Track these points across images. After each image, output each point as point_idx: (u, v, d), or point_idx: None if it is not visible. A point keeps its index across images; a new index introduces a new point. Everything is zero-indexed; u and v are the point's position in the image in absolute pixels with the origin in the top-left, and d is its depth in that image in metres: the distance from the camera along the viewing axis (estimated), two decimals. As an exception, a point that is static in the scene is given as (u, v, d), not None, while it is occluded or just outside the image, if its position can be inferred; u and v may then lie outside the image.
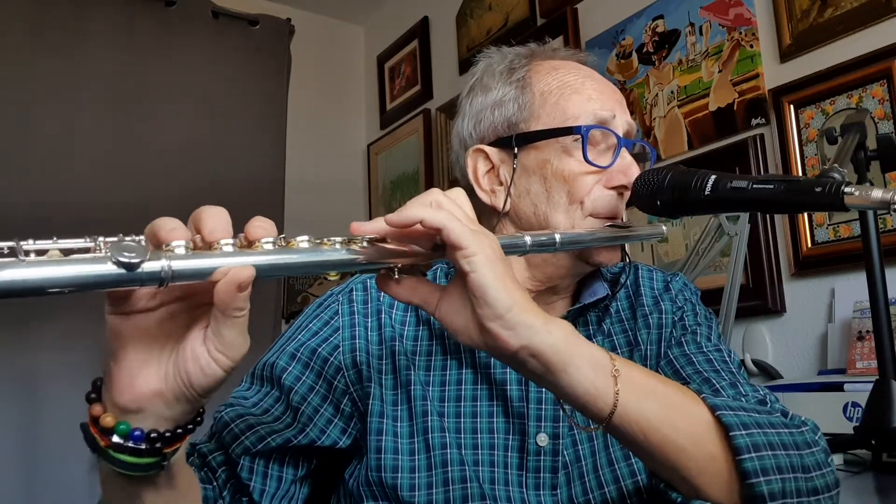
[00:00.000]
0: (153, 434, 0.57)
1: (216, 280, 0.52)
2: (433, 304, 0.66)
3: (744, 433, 0.68)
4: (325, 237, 0.59)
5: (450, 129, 1.03)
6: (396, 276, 0.66)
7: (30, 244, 0.47)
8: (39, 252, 0.47)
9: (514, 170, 0.90)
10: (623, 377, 0.66)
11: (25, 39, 2.59)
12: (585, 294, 0.94)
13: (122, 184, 2.64)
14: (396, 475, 0.84)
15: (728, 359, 0.89)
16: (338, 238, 0.59)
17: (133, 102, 2.73)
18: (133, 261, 0.48)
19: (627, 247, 0.94)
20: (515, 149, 0.90)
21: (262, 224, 0.57)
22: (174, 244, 0.52)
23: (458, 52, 3.07)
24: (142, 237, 0.51)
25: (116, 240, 0.49)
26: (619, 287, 0.97)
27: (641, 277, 0.98)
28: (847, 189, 0.70)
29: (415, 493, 0.84)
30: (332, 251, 0.59)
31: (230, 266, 0.52)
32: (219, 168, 2.84)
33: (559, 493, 0.85)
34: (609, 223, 0.88)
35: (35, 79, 2.59)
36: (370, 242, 0.61)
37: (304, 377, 0.88)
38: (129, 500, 0.62)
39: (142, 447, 0.57)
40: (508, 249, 0.69)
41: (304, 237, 0.58)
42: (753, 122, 1.97)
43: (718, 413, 0.69)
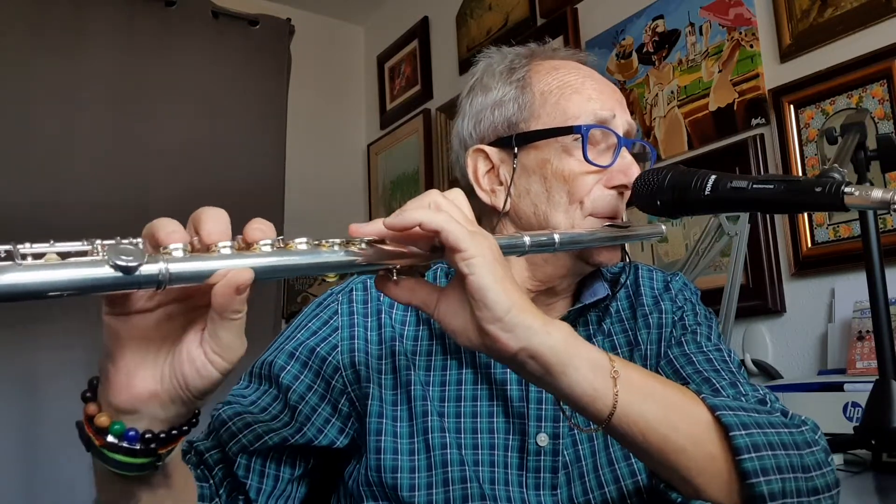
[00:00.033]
0: (148, 434, 0.57)
1: (214, 283, 0.52)
2: (432, 306, 0.66)
3: (743, 433, 0.68)
4: (324, 239, 0.59)
5: (450, 129, 1.03)
6: (395, 278, 0.66)
7: (27, 247, 0.47)
8: (36, 255, 0.47)
9: (514, 169, 0.90)
10: (622, 378, 0.66)
11: (25, 39, 2.59)
12: (586, 294, 0.94)
13: (122, 184, 2.64)
14: (396, 475, 0.84)
15: (728, 358, 0.89)
16: (336, 240, 0.59)
17: (133, 102, 2.73)
18: (130, 264, 0.48)
19: (627, 246, 0.94)
20: (515, 148, 0.90)
21: (261, 226, 0.56)
22: (172, 247, 0.51)
23: (458, 52, 3.07)
24: (139, 240, 0.51)
25: (114, 243, 0.49)
26: (620, 287, 0.97)
27: (641, 277, 0.98)
28: (847, 189, 0.70)
29: (414, 494, 0.83)
30: (331, 253, 0.59)
31: (228, 269, 0.52)
32: (219, 168, 2.84)
33: (559, 493, 0.85)
34: (609, 223, 0.88)
35: (35, 79, 2.58)
36: (369, 244, 0.61)
37: (303, 376, 0.88)
38: (124, 499, 0.62)
39: (136, 447, 0.56)
40: (507, 250, 0.69)
41: (303, 239, 0.58)
42: (753, 122, 1.97)
43: (718, 413, 0.69)
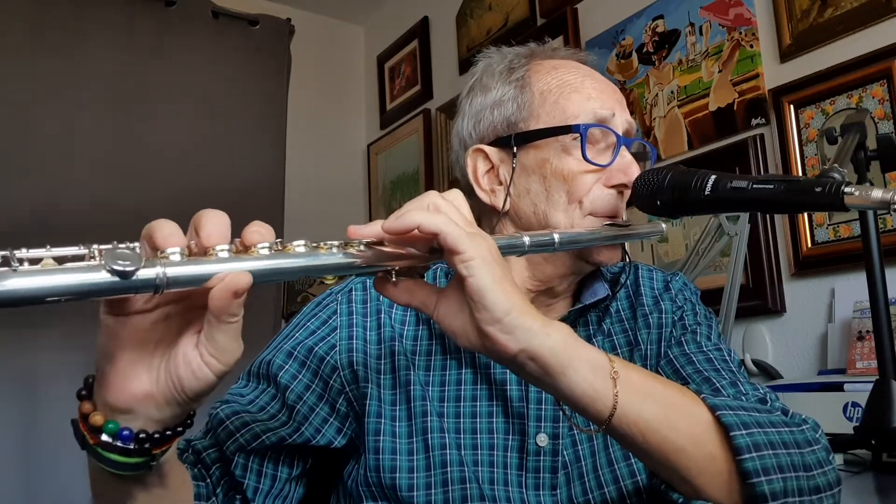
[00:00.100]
0: (142, 434, 0.57)
1: (212, 286, 0.52)
2: (431, 307, 0.66)
3: (744, 433, 0.68)
4: (323, 241, 0.59)
5: (450, 129, 1.03)
6: (394, 279, 0.65)
7: (23, 253, 0.46)
8: (33, 261, 0.47)
9: (514, 169, 0.90)
10: (622, 379, 0.66)
11: (25, 39, 2.59)
12: (586, 294, 0.94)
13: (122, 183, 2.64)
14: (395, 475, 0.84)
15: (728, 358, 0.89)
16: (335, 242, 0.59)
17: (133, 102, 2.73)
18: (127, 269, 0.48)
19: (627, 246, 0.94)
20: (515, 148, 0.90)
21: (259, 229, 0.56)
22: (169, 251, 0.51)
23: (458, 52, 3.07)
24: (136, 244, 0.51)
25: (111, 247, 0.49)
26: (620, 287, 0.97)
27: (641, 277, 0.98)
28: (847, 189, 0.70)
29: (413, 494, 0.83)
30: (329, 255, 0.58)
31: (226, 272, 0.52)
32: (219, 168, 2.84)
33: (559, 494, 0.85)
34: (608, 222, 0.88)
35: (35, 79, 2.59)
36: (367, 246, 0.61)
37: (301, 376, 0.88)
38: (119, 499, 0.62)
39: (130, 447, 0.56)
40: (507, 250, 0.68)
41: (301, 242, 0.57)
42: (753, 122, 1.97)
43: (718, 413, 0.69)
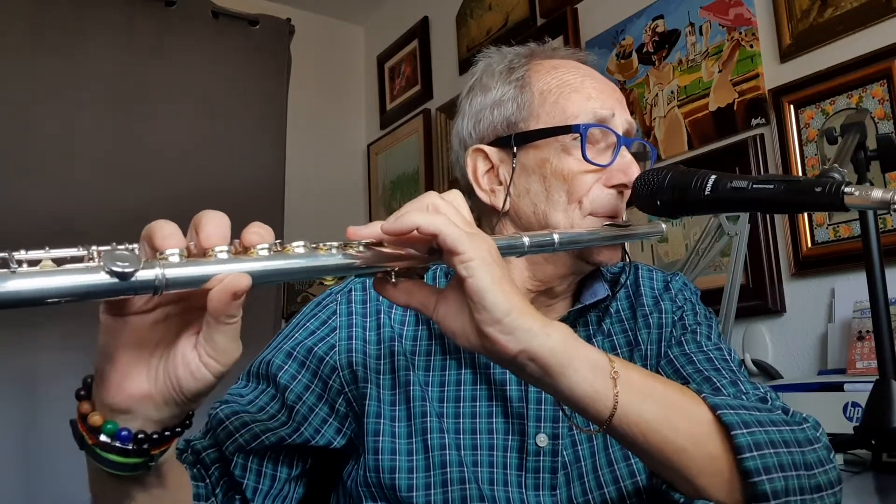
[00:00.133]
0: (140, 435, 0.57)
1: (211, 287, 0.52)
2: (431, 308, 0.66)
3: (745, 432, 0.68)
4: (322, 241, 0.59)
5: (450, 129, 1.03)
6: (393, 280, 0.65)
7: (22, 254, 0.46)
8: (32, 262, 0.47)
9: (514, 169, 0.90)
10: (622, 379, 0.66)
11: (25, 39, 2.59)
12: (586, 294, 0.94)
13: (122, 183, 2.64)
14: (394, 475, 0.84)
15: (728, 357, 0.89)
16: (334, 243, 0.59)
17: (133, 102, 2.73)
18: (126, 270, 0.48)
19: (627, 246, 0.94)
20: (514, 148, 0.90)
21: (259, 230, 0.56)
22: (168, 252, 0.51)
23: (458, 52, 3.07)
24: (135, 245, 0.51)
25: (109, 248, 0.49)
26: (619, 287, 0.97)
27: (641, 277, 0.98)
28: (847, 189, 0.70)
29: (413, 494, 0.83)
30: (329, 256, 0.58)
31: (225, 273, 0.52)
32: (219, 168, 2.84)
33: (558, 494, 0.85)
34: (608, 222, 0.88)
35: (35, 79, 2.58)
36: (366, 247, 0.61)
37: (300, 376, 0.88)
38: (118, 499, 0.62)
39: (129, 447, 0.56)
40: (506, 251, 0.68)
41: (300, 243, 0.57)
42: (753, 122, 1.97)
43: (719, 412, 0.69)
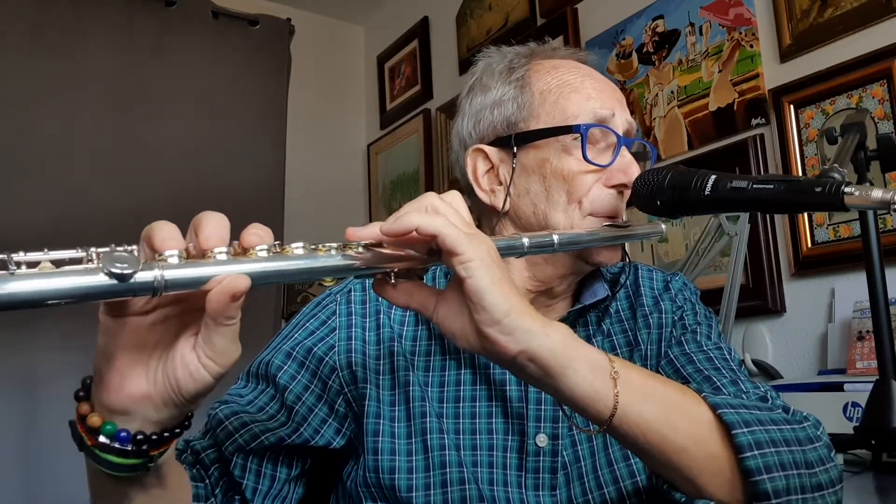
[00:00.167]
0: (139, 436, 0.57)
1: (210, 289, 0.52)
2: (430, 309, 0.66)
3: (745, 431, 0.68)
4: (321, 243, 0.59)
5: (450, 129, 1.02)
6: (393, 281, 0.65)
7: (20, 256, 0.46)
8: (31, 264, 0.47)
9: (514, 169, 0.90)
10: (622, 379, 0.65)
11: (25, 39, 2.59)
12: (586, 295, 0.94)
13: (122, 183, 2.64)
14: (394, 476, 0.84)
15: (728, 357, 0.89)
16: (333, 244, 0.59)
17: (133, 102, 2.73)
18: (125, 272, 0.48)
19: (627, 246, 0.94)
20: (514, 148, 0.90)
21: (258, 231, 0.56)
22: (167, 253, 0.51)
23: (458, 52, 3.07)
24: (134, 247, 0.51)
25: (108, 250, 0.49)
26: (619, 287, 0.97)
27: (641, 277, 0.98)
28: (847, 189, 0.70)
29: (412, 494, 0.83)
30: (328, 257, 0.58)
31: (224, 275, 0.52)
32: (219, 168, 2.84)
33: (558, 494, 0.85)
34: (608, 222, 0.87)
35: (35, 79, 2.58)
36: (366, 248, 0.61)
37: (300, 376, 0.88)
38: (117, 499, 0.62)
39: (128, 448, 0.56)
40: (506, 251, 0.68)
41: (299, 244, 0.57)
42: (753, 122, 1.97)
43: (720, 412, 0.69)
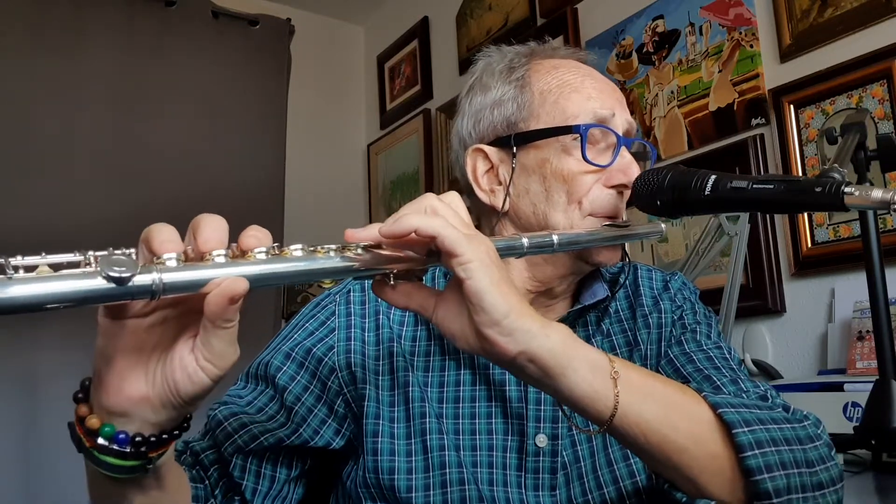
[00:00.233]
0: (138, 438, 0.57)
1: (208, 292, 0.52)
2: (430, 310, 0.66)
3: (746, 430, 0.68)
4: (320, 244, 0.59)
5: (450, 129, 1.02)
6: (392, 282, 0.65)
7: (18, 260, 0.46)
8: (28, 268, 0.46)
9: (513, 169, 0.90)
10: (622, 379, 0.65)
11: (25, 39, 2.59)
12: (585, 295, 0.94)
13: (122, 183, 2.64)
14: (393, 476, 0.84)
15: (728, 356, 0.89)
16: (332, 245, 0.59)
17: (133, 102, 2.73)
18: (123, 275, 0.48)
19: (627, 246, 0.94)
20: (514, 148, 0.90)
21: (256, 234, 0.56)
22: (165, 256, 0.51)
23: (458, 52, 3.07)
24: (132, 250, 0.51)
25: (106, 253, 0.49)
26: (619, 287, 0.97)
27: (641, 277, 0.98)
28: (847, 189, 0.70)
29: (412, 495, 0.83)
30: (327, 259, 0.58)
31: (222, 278, 0.52)
32: (219, 168, 2.84)
33: (558, 494, 0.85)
34: (608, 222, 0.87)
35: (35, 79, 2.58)
36: (365, 249, 0.61)
37: (299, 377, 0.87)
38: (116, 501, 0.62)
39: (126, 450, 0.56)
40: (505, 252, 0.68)
41: (298, 246, 0.57)
42: (753, 122, 1.97)
43: (720, 411, 0.69)
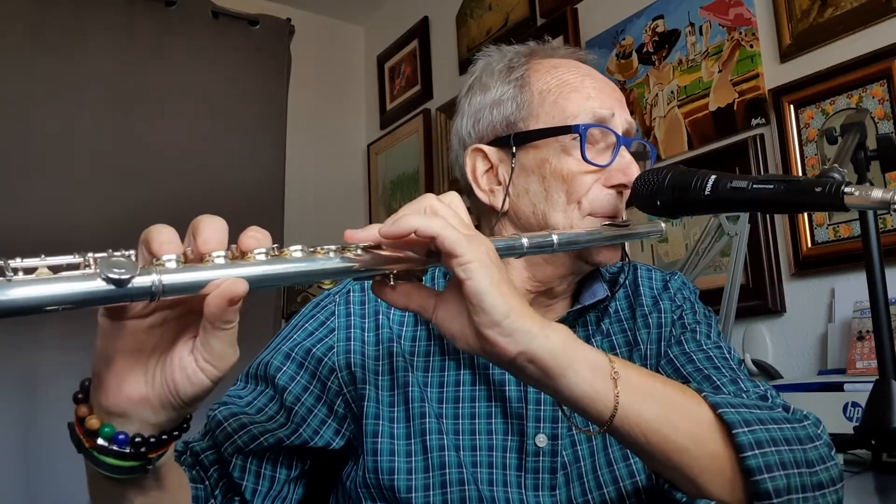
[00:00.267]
0: (137, 439, 0.57)
1: (208, 293, 0.52)
2: (430, 310, 0.66)
3: (746, 430, 0.68)
4: (319, 245, 0.58)
5: (450, 129, 1.02)
6: (392, 283, 0.65)
7: (18, 262, 0.46)
8: (28, 270, 0.46)
9: (513, 169, 0.90)
10: (622, 379, 0.65)
11: (25, 39, 2.59)
12: (585, 295, 0.94)
13: (122, 183, 2.64)
14: (393, 476, 0.84)
15: (728, 356, 0.89)
16: (332, 246, 0.59)
17: (133, 102, 2.73)
18: (123, 277, 0.48)
19: (627, 246, 0.94)
20: (514, 148, 0.89)
21: (256, 235, 0.56)
22: (165, 258, 0.51)
23: (458, 52, 3.07)
24: (132, 252, 0.51)
25: (106, 255, 0.49)
26: (618, 287, 0.97)
27: (640, 277, 0.98)
28: (847, 189, 0.70)
29: (412, 495, 0.83)
30: (326, 260, 0.58)
31: (222, 279, 0.52)
32: (219, 168, 2.84)
33: (558, 494, 0.85)
34: (608, 222, 0.87)
35: (35, 79, 2.58)
36: (365, 249, 0.61)
37: (299, 377, 0.87)
38: (116, 501, 0.62)
39: (126, 451, 0.56)
40: (505, 252, 0.68)
41: (298, 247, 0.57)
42: (753, 122, 1.97)
43: (720, 411, 0.69)
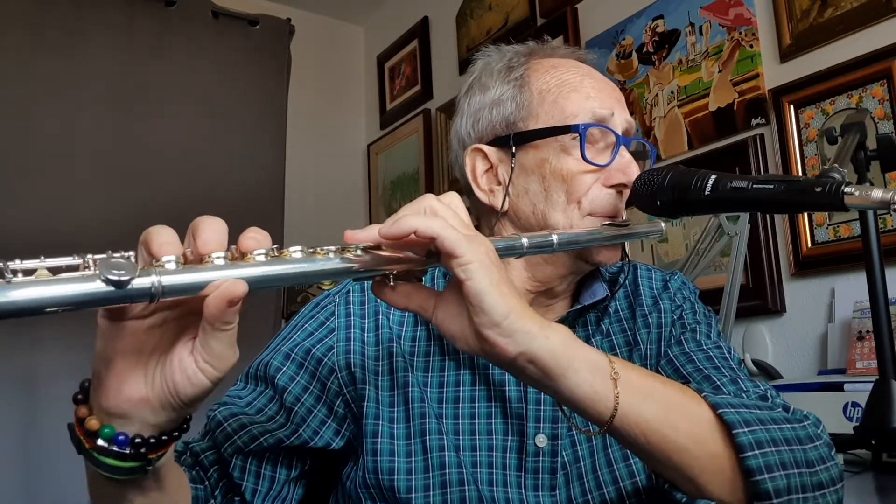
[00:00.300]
0: (137, 439, 0.57)
1: (208, 294, 0.52)
2: (430, 311, 0.66)
3: (746, 430, 0.68)
4: (319, 246, 0.58)
5: (450, 129, 1.02)
6: (392, 283, 0.65)
7: (17, 264, 0.46)
8: (27, 272, 0.47)
9: (513, 169, 0.90)
10: (622, 379, 0.65)
11: (25, 39, 2.59)
12: (585, 295, 0.93)
13: (122, 183, 2.64)
14: (393, 477, 0.84)
15: (728, 356, 0.89)
16: (331, 247, 0.59)
17: (133, 102, 2.73)
18: (122, 278, 0.48)
19: (627, 246, 0.94)
20: (513, 148, 0.89)
21: (255, 235, 0.56)
22: (164, 259, 0.51)
23: (458, 52, 3.07)
24: (131, 253, 0.51)
25: (105, 256, 0.49)
26: (618, 287, 0.97)
27: (640, 277, 0.98)
28: (847, 189, 0.70)
29: (412, 496, 0.83)
30: (326, 260, 0.58)
31: (221, 280, 0.52)
32: (219, 168, 2.84)
33: (558, 495, 0.85)
34: (608, 222, 0.87)
35: (35, 79, 2.58)
36: (364, 250, 0.61)
37: (299, 378, 0.87)
38: (116, 501, 0.62)
39: (126, 452, 0.56)
40: (505, 252, 0.68)
41: (297, 247, 0.57)
42: (753, 122, 1.97)
43: (720, 411, 0.69)
